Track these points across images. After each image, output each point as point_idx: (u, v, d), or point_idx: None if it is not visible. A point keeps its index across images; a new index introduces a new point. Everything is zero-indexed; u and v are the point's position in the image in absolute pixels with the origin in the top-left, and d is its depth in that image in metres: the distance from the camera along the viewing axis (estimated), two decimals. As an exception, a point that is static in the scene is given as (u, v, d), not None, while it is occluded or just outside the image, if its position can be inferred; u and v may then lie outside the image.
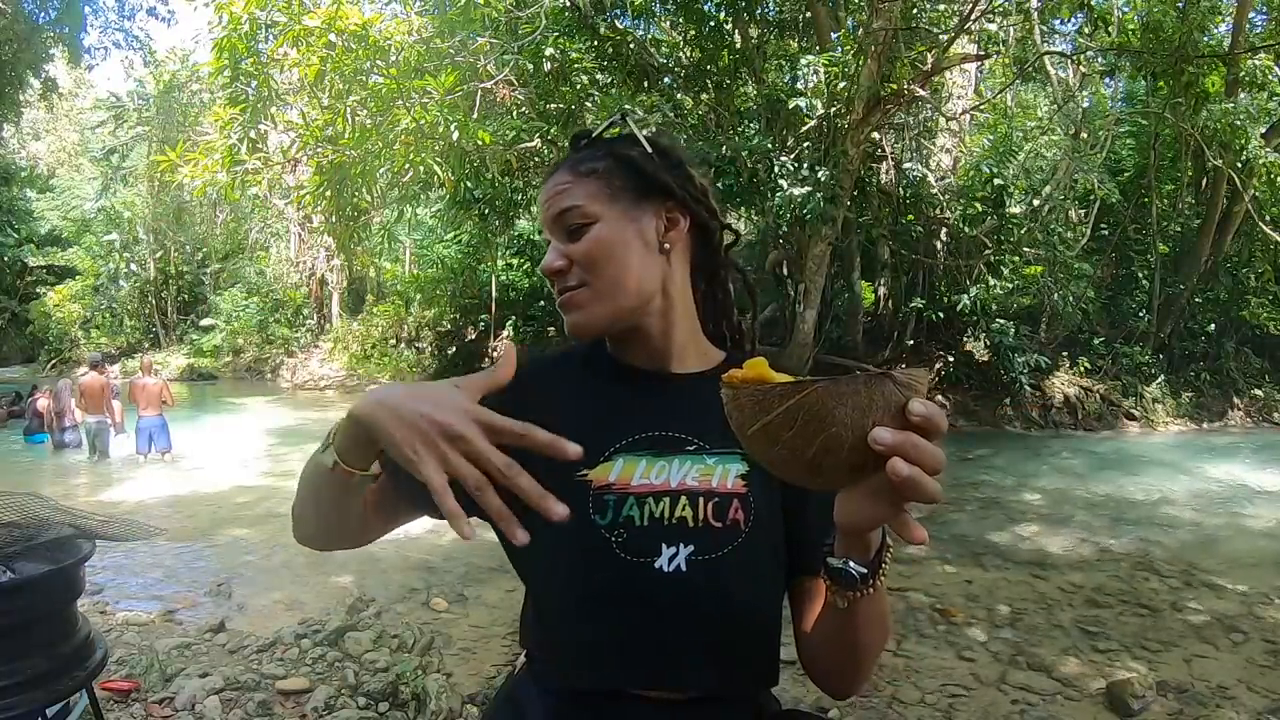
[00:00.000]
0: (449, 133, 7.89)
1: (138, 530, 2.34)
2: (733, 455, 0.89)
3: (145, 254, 25.90)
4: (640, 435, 0.89)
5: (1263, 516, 6.75)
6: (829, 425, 0.57)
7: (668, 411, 0.91)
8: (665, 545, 0.84)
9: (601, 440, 0.87)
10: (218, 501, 7.32)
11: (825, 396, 0.57)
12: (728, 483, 0.88)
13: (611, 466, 0.87)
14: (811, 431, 0.58)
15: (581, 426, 0.81)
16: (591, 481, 0.86)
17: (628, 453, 0.88)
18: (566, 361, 0.98)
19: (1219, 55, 11.33)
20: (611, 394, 0.93)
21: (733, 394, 0.62)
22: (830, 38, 10.88)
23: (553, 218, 0.91)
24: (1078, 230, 12.86)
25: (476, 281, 18.55)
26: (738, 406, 0.61)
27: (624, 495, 0.86)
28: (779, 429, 0.58)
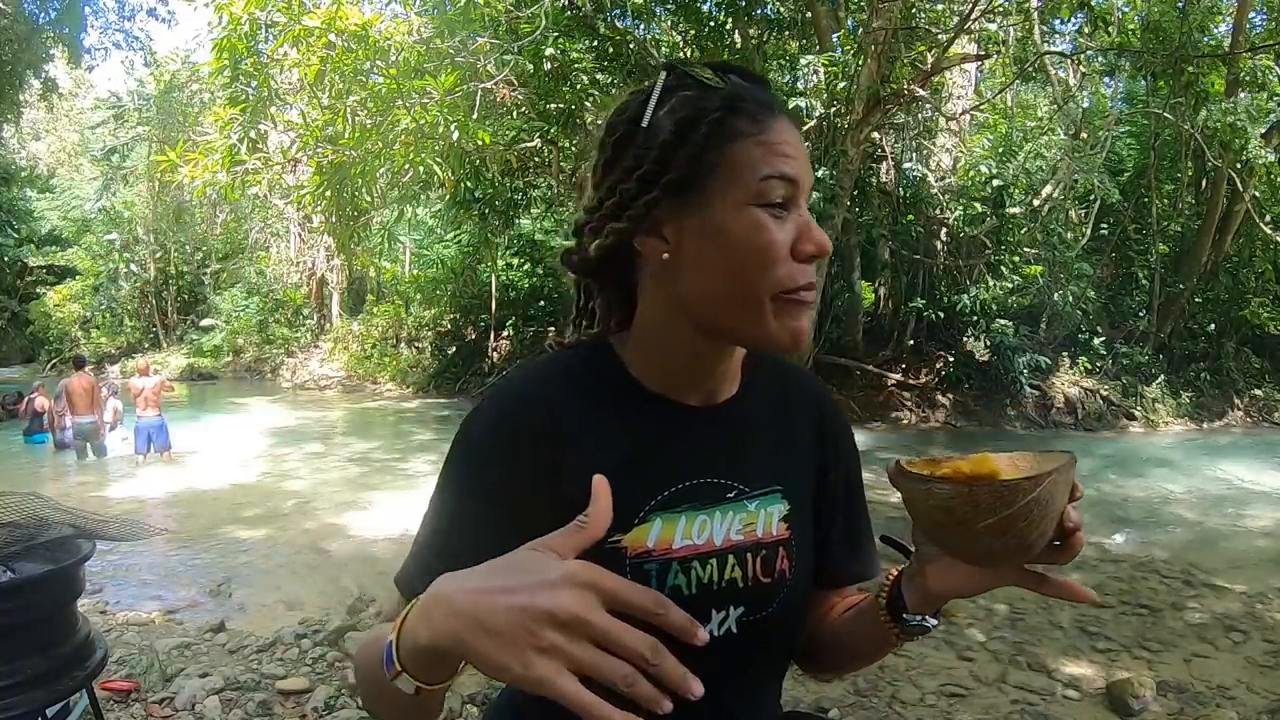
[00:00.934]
0: (449, 133, 7.89)
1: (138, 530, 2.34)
2: (772, 495, 0.81)
3: (145, 254, 25.89)
4: (677, 487, 0.77)
5: (1263, 516, 6.75)
6: (1049, 513, 0.62)
7: (704, 453, 0.79)
8: (715, 610, 0.77)
9: (635, 497, 0.75)
10: (217, 501, 7.31)
11: (1053, 486, 0.62)
12: (772, 530, 0.80)
13: (649, 529, 0.75)
14: (1039, 518, 0.62)
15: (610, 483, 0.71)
16: (627, 549, 0.74)
17: (665, 510, 0.76)
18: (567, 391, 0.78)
19: (1219, 55, 11.33)
20: (641, 434, 0.78)
21: (968, 491, 0.62)
22: (830, 38, 10.88)
23: (810, 185, 0.74)
24: (1078, 230, 12.86)
25: (476, 281, 18.55)
26: (973, 504, 0.62)
27: (667, 562, 0.75)
28: (1015, 520, 0.61)
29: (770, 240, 0.70)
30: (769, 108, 0.73)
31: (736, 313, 0.72)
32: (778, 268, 0.70)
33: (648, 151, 0.73)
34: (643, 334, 0.79)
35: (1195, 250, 13.10)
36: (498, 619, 0.50)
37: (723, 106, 0.71)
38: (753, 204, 0.70)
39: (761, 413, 0.83)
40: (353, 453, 10.49)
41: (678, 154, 0.71)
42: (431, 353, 19.33)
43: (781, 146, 0.71)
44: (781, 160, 0.71)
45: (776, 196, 0.70)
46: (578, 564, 0.52)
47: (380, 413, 15.64)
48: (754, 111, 0.72)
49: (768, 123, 0.72)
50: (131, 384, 9.81)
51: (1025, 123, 13.33)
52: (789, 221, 0.71)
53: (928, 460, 0.70)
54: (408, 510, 6.51)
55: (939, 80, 11.61)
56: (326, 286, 23.43)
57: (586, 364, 0.80)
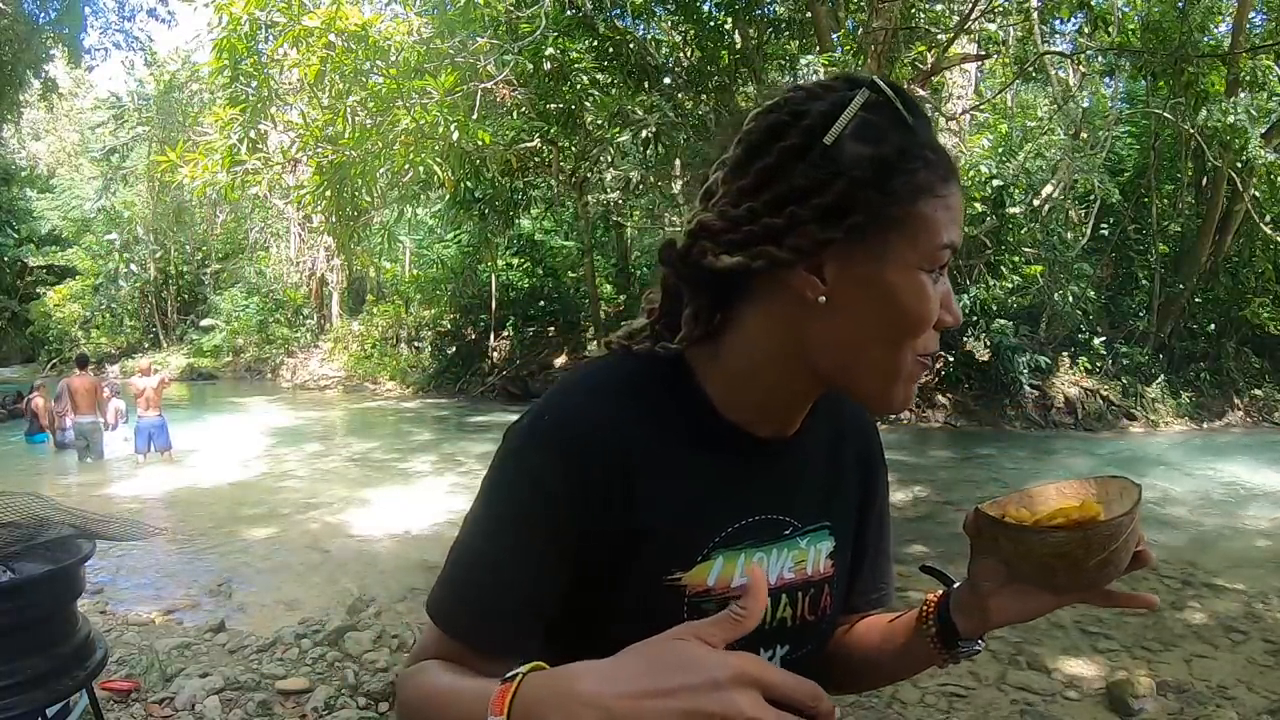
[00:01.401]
0: (449, 133, 7.89)
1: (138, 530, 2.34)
2: (821, 532, 0.80)
3: (145, 254, 25.90)
4: (741, 523, 0.73)
5: (1263, 516, 6.75)
6: (1129, 547, 0.69)
7: (768, 488, 0.76)
8: (762, 649, 0.76)
9: (699, 534, 0.71)
10: (217, 501, 7.32)
11: (1132, 525, 0.67)
12: (820, 567, 0.79)
13: (710, 567, 0.71)
14: (1131, 545, 0.69)
15: (677, 516, 0.70)
16: (686, 587, 0.70)
17: (727, 548, 0.72)
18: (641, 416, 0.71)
19: (1219, 55, 11.33)
20: (713, 467, 0.73)
21: (1083, 536, 0.67)
22: (830, 38, 10.88)
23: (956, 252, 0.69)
24: (1078, 230, 12.86)
25: (476, 281, 18.56)
26: (1086, 546, 0.67)
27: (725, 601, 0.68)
28: (1118, 552, 0.68)
29: (929, 309, 0.67)
30: (950, 169, 0.68)
31: (873, 370, 0.69)
32: (925, 335, 0.68)
33: (831, 180, 0.64)
34: (739, 361, 0.72)
35: (1195, 250, 13.10)
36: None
37: (915, 156, 0.66)
38: (923, 268, 0.66)
39: (818, 446, 0.81)
40: (353, 453, 10.50)
41: (870, 196, 0.64)
42: (431, 353, 19.34)
43: (957, 213, 0.67)
44: (955, 230, 0.67)
45: (940, 265, 0.67)
46: (742, 661, 0.50)
47: (380, 413, 15.64)
48: (943, 170, 0.67)
49: (951, 184, 0.67)
50: (132, 384, 9.82)
51: (1025, 123, 13.33)
52: (939, 287, 0.68)
53: (994, 502, 0.74)
54: (408, 510, 6.51)
55: (939, 80, 11.61)
56: (326, 286, 23.44)
57: (660, 381, 0.73)
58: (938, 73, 10.43)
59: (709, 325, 0.73)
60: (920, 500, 7.39)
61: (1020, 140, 12.20)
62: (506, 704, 0.53)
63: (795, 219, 0.65)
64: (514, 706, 0.53)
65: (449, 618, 0.70)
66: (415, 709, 0.68)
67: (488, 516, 0.70)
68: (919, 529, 6.23)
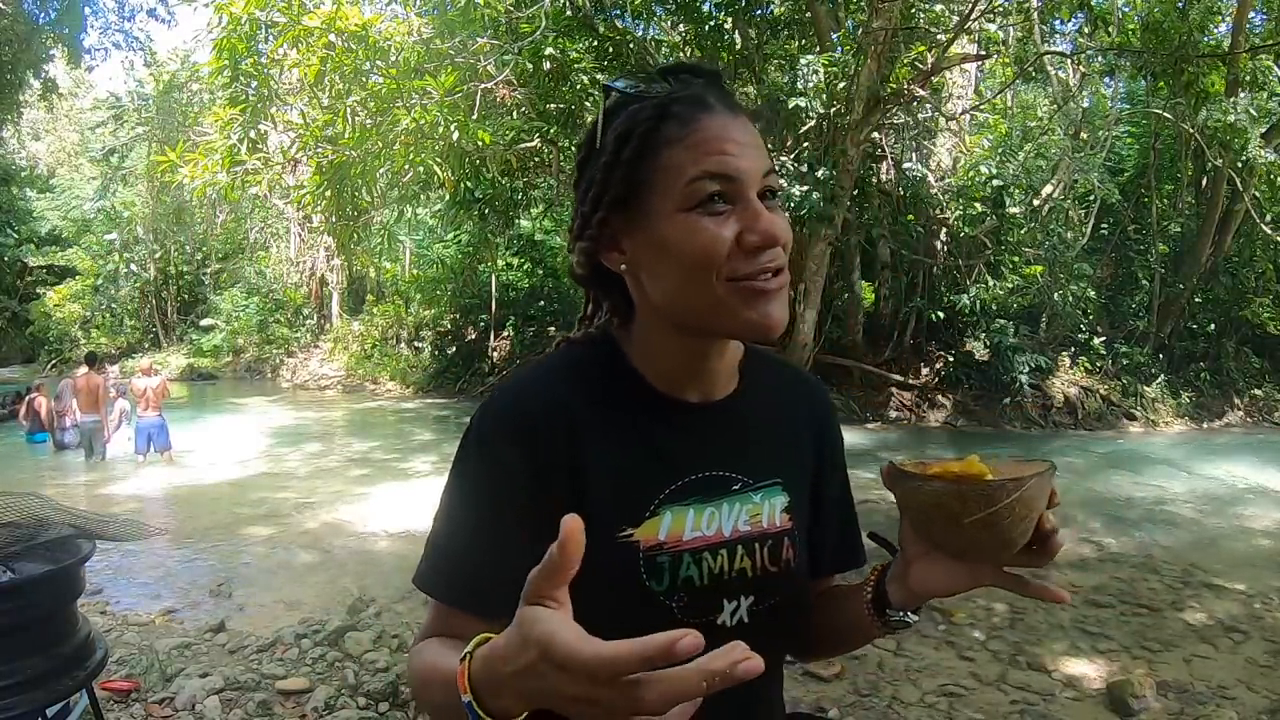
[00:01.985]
0: (449, 133, 7.89)
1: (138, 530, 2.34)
2: (774, 487, 0.84)
3: (145, 254, 25.90)
4: (685, 481, 0.78)
5: (1263, 516, 6.75)
6: (1030, 513, 0.67)
7: (710, 448, 0.81)
8: (727, 600, 0.79)
9: (645, 492, 0.77)
10: (217, 501, 7.32)
11: (1034, 489, 0.66)
12: (776, 520, 0.83)
13: (659, 522, 0.77)
14: (1020, 518, 0.67)
15: (621, 478, 0.77)
16: (639, 542, 0.76)
17: (674, 503, 0.78)
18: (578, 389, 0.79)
19: (1219, 55, 11.33)
20: (649, 433, 0.79)
21: (954, 489, 0.67)
22: (830, 38, 10.88)
23: (761, 173, 0.72)
24: (1078, 230, 12.86)
25: (476, 281, 18.56)
26: (961, 500, 0.67)
27: (678, 554, 0.77)
28: (999, 517, 0.66)
29: (706, 241, 0.70)
30: (701, 105, 0.73)
31: (698, 311, 0.73)
32: (723, 264, 0.70)
33: (594, 171, 0.77)
34: (638, 335, 0.81)
35: (1195, 250, 13.10)
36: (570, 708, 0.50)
37: (652, 116, 0.73)
38: (686, 209, 0.71)
39: (761, 408, 0.85)
40: (353, 453, 10.50)
41: (615, 172, 0.74)
42: (431, 353, 19.34)
43: (712, 144, 0.71)
44: (711, 159, 0.70)
45: (708, 195, 0.70)
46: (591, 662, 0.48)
47: (380, 413, 15.64)
48: (683, 114, 0.72)
49: (698, 122, 0.72)
50: (134, 383, 9.81)
51: (1025, 123, 13.34)
52: (732, 216, 0.71)
53: (919, 462, 0.74)
54: (408, 510, 6.51)
55: (939, 80, 11.61)
56: (326, 286, 23.44)
57: (596, 360, 0.81)
58: (938, 73, 10.43)
59: (627, 315, 0.82)
60: (920, 500, 7.39)
61: (1020, 140, 12.20)
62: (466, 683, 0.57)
63: (584, 214, 0.77)
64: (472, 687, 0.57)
65: (433, 586, 0.77)
66: (416, 686, 0.74)
67: (456, 490, 0.78)
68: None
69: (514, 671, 0.53)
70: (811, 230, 10.21)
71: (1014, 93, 14.91)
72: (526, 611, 0.53)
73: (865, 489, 8.55)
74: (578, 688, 0.48)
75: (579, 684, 0.48)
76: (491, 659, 0.56)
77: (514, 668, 0.53)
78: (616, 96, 0.78)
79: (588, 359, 0.82)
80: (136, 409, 9.57)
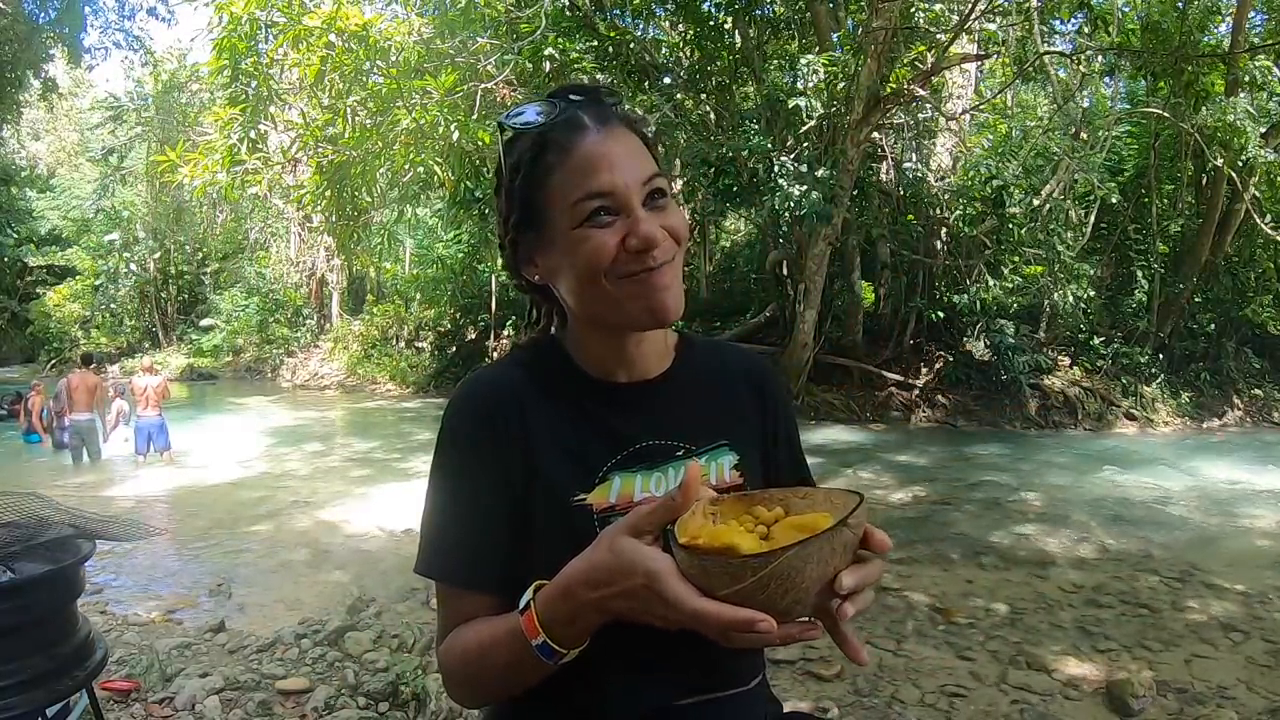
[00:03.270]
0: (449, 133, 7.89)
1: (138, 530, 2.34)
2: (720, 449, 0.90)
3: (145, 254, 25.90)
4: (629, 450, 0.86)
5: (1262, 516, 6.75)
6: (799, 583, 0.62)
7: (649, 420, 0.88)
8: None
9: (592, 462, 0.85)
10: (217, 501, 7.32)
11: (795, 561, 0.61)
12: (725, 477, 0.89)
13: (609, 487, 0.84)
14: (783, 591, 0.62)
15: (569, 451, 0.85)
16: (593, 505, 0.84)
17: (621, 470, 0.85)
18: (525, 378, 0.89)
19: (1219, 55, 11.33)
20: (589, 412, 0.88)
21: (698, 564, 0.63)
22: (830, 38, 10.89)
23: (641, 181, 0.80)
24: (1078, 230, 12.86)
25: (476, 281, 18.56)
26: (705, 575, 0.63)
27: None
28: (752, 593, 0.62)
29: (592, 250, 0.79)
30: (576, 128, 0.81)
31: (598, 309, 0.83)
32: (610, 265, 0.79)
33: (501, 201, 0.88)
34: (570, 332, 0.92)
35: (1195, 250, 13.10)
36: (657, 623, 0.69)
37: (534, 145, 0.82)
38: (575, 225, 0.80)
39: (697, 383, 0.93)
40: (353, 452, 10.50)
41: (512, 199, 0.85)
42: (431, 353, 19.34)
43: (588, 165, 0.79)
44: (589, 180, 0.79)
45: (592, 212, 0.79)
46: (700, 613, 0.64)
47: (380, 413, 15.64)
48: (561, 140, 0.81)
49: (574, 146, 0.80)
50: (134, 382, 9.80)
51: (1025, 123, 13.33)
52: (618, 224, 0.79)
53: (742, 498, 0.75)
54: (408, 510, 6.51)
55: (939, 80, 11.61)
56: (326, 286, 23.43)
57: (539, 358, 0.92)
58: (937, 73, 10.43)
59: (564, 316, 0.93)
60: (919, 500, 7.39)
61: (1020, 140, 12.20)
62: (537, 626, 0.72)
63: (501, 238, 0.90)
64: (543, 626, 0.72)
65: (430, 566, 0.86)
66: (462, 673, 0.83)
67: (437, 481, 0.87)
68: (918, 529, 6.23)
69: (609, 594, 0.68)
70: (811, 230, 10.22)
71: (1014, 93, 14.90)
72: (628, 543, 0.68)
73: (866, 489, 8.49)
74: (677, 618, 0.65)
75: (680, 618, 0.65)
76: (571, 587, 0.71)
77: (611, 590, 0.68)
78: (508, 132, 0.86)
79: (531, 357, 0.92)
80: (136, 409, 9.56)
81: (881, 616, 4.24)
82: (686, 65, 12.31)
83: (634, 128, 0.84)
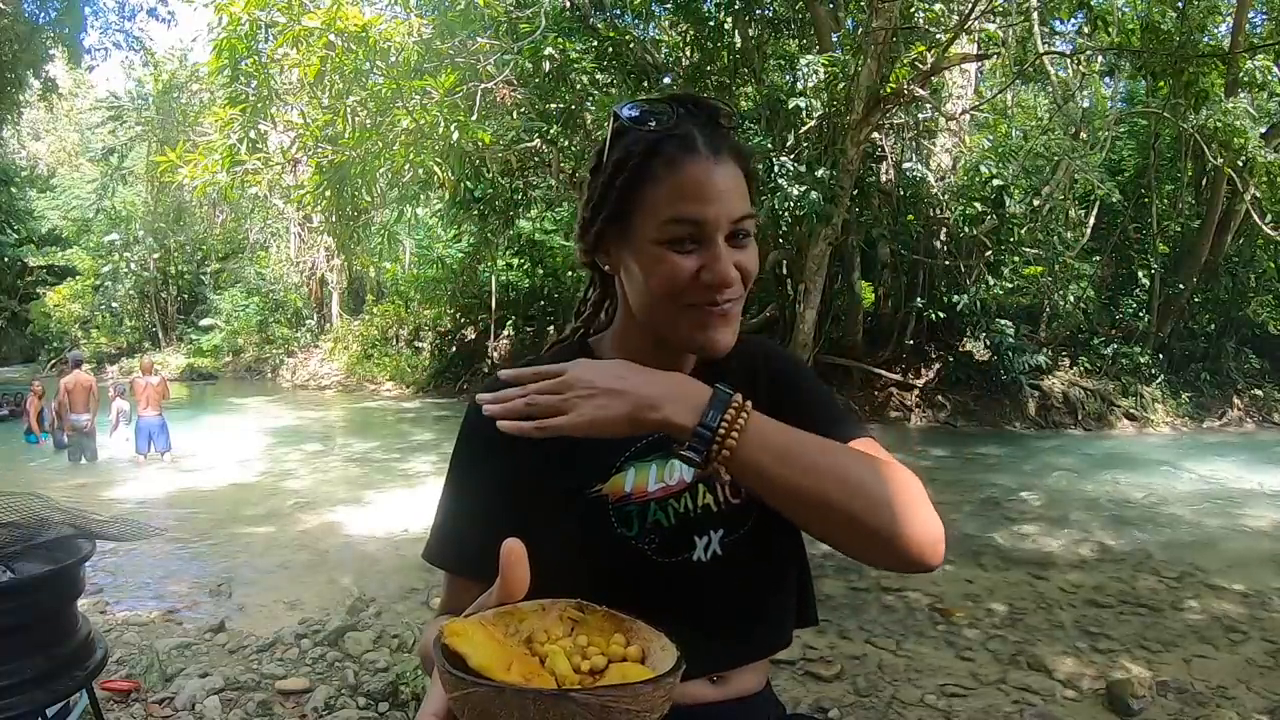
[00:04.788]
0: (449, 133, 7.89)
1: (138, 530, 2.34)
2: None
3: (145, 254, 25.89)
4: (643, 441, 0.88)
5: (1262, 516, 6.75)
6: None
7: None
8: (698, 537, 0.86)
9: (608, 453, 0.87)
10: (217, 501, 7.32)
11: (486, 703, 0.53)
12: None
13: (624, 478, 0.87)
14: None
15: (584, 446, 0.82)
16: (608, 496, 0.86)
17: (636, 460, 0.87)
18: None
19: (1219, 55, 11.33)
20: None
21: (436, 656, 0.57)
22: (830, 38, 10.88)
23: (733, 220, 0.81)
24: (1078, 230, 12.86)
25: (476, 281, 18.55)
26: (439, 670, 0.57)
27: (645, 502, 0.86)
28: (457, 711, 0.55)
29: (667, 273, 0.80)
30: (689, 148, 0.81)
31: (657, 325, 0.84)
32: (680, 294, 0.81)
33: (597, 188, 0.86)
34: (620, 326, 0.92)
35: (1195, 250, 13.10)
36: None
37: (644, 151, 0.82)
38: (659, 242, 0.80)
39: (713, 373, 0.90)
40: (353, 453, 10.49)
41: (610, 192, 0.84)
42: (431, 353, 19.33)
43: (689, 190, 0.79)
44: (686, 205, 0.79)
45: (678, 236, 0.80)
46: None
47: (380, 413, 15.64)
48: (672, 155, 0.81)
49: (682, 166, 0.80)
50: (134, 382, 9.80)
51: (1025, 123, 13.33)
52: (697, 254, 0.80)
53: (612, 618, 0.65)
54: (408, 510, 6.51)
55: (939, 80, 11.61)
56: (326, 286, 23.43)
57: (564, 353, 0.94)
58: (937, 73, 10.42)
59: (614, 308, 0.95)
60: (920, 500, 7.38)
61: (1020, 140, 12.20)
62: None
63: (584, 220, 0.88)
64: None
65: (436, 556, 0.89)
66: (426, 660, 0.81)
67: (452, 473, 0.91)
68: (919, 529, 6.22)
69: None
70: (811, 230, 10.21)
71: (1014, 93, 14.90)
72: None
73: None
74: None
75: None
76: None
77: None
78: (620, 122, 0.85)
79: (557, 355, 0.94)
80: (136, 409, 9.56)
81: (881, 616, 4.24)
82: (686, 65, 12.31)
83: (741, 161, 0.84)
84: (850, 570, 4.77)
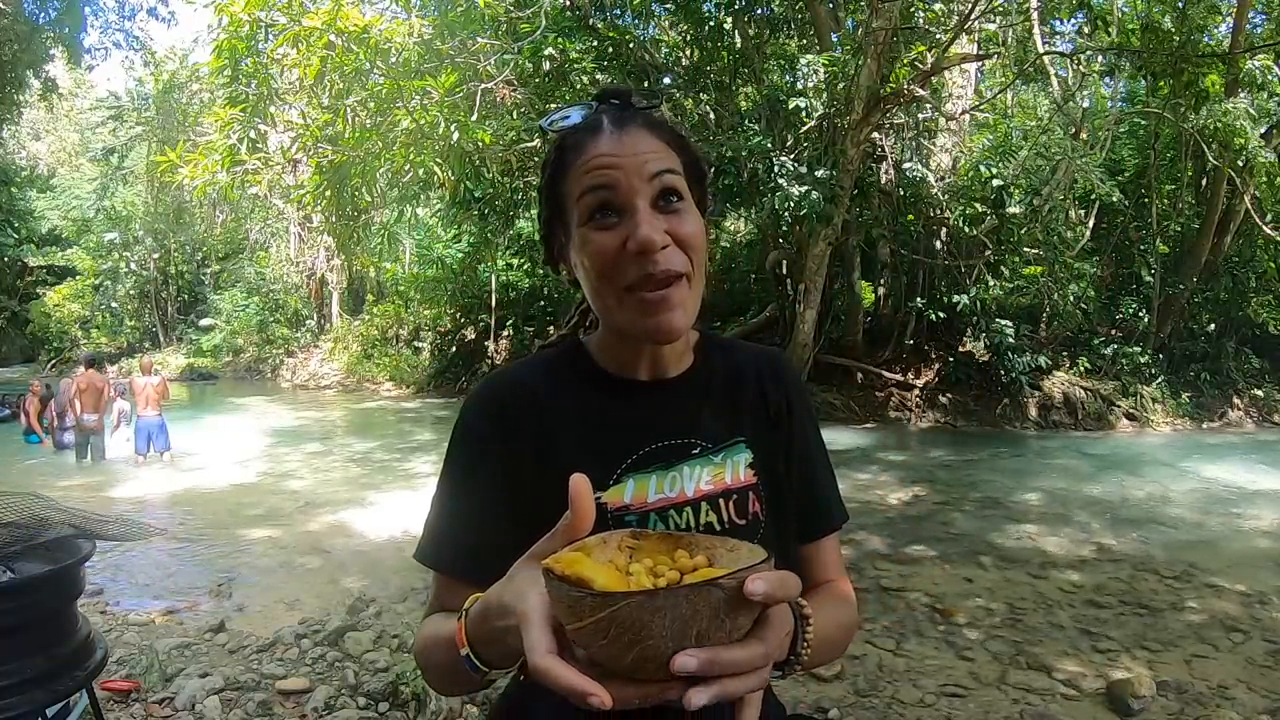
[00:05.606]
0: (449, 133, 7.89)
1: (138, 530, 2.34)
2: (737, 446, 0.89)
3: (145, 254, 25.89)
4: (645, 450, 0.86)
5: (1262, 516, 6.75)
6: (645, 638, 0.54)
7: (666, 419, 0.88)
8: None
9: (608, 461, 0.85)
10: (217, 501, 7.31)
11: (638, 612, 0.53)
12: (740, 475, 0.88)
13: (624, 488, 0.84)
14: (626, 643, 0.54)
15: (585, 448, 0.85)
16: (607, 504, 0.83)
17: (636, 471, 0.85)
18: (545, 376, 0.90)
19: (1219, 55, 11.33)
20: (607, 410, 0.88)
21: (553, 588, 0.57)
22: (830, 38, 10.89)
23: (648, 177, 0.78)
24: (1078, 230, 12.85)
25: (476, 281, 18.55)
26: (557, 602, 0.57)
27: (645, 514, 0.84)
28: (591, 636, 0.55)
29: (594, 252, 0.79)
30: (594, 130, 0.82)
31: (606, 315, 0.83)
32: (615, 271, 0.78)
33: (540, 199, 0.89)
34: (599, 329, 0.92)
35: (1195, 250, 13.10)
36: None
37: (557, 147, 0.84)
38: (583, 224, 0.80)
39: (714, 381, 0.93)
40: (353, 453, 10.49)
41: (541, 196, 0.88)
42: (431, 353, 19.33)
43: (592, 162, 0.79)
44: (590, 176, 0.79)
45: (594, 207, 0.79)
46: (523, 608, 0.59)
47: (380, 413, 15.64)
48: (578, 140, 0.82)
49: (585, 147, 0.81)
50: (134, 382, 9.80)
51: (1025, 123, 13.33)
52: (620, 227, 0.78)
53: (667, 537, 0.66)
54: (408, 510, 6.51)
55: (939, 80, 11.61)
56: (326, 286, 23.43)
57: (561, 358, 0.92)
58: (937, 73, 10.43)
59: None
60: (919, 500, 7.39)
61: (1020, 140, 12.20)
62: (464, 637, 0.69)
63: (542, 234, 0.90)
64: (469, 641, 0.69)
65: (425, 556, 0.88)
66: (420, 661, 0.84)
67: (445, 472, 0.89)
68: (918, 529, 6.23)
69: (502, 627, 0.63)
70: (811, 230, 10.22)
71: (1014, 93, 14.91)
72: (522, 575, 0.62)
73: (866, 489, 8.48)
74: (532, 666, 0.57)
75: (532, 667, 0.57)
76: (486, 612, 0.66)
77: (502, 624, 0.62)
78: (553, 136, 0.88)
79: (554, 355, 0.93)
80: (136, 409, 9.56)
81: (881, 616, 4.24)
82: (686, 65, 12.32)
83: (658, 129, 0.82)
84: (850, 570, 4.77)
